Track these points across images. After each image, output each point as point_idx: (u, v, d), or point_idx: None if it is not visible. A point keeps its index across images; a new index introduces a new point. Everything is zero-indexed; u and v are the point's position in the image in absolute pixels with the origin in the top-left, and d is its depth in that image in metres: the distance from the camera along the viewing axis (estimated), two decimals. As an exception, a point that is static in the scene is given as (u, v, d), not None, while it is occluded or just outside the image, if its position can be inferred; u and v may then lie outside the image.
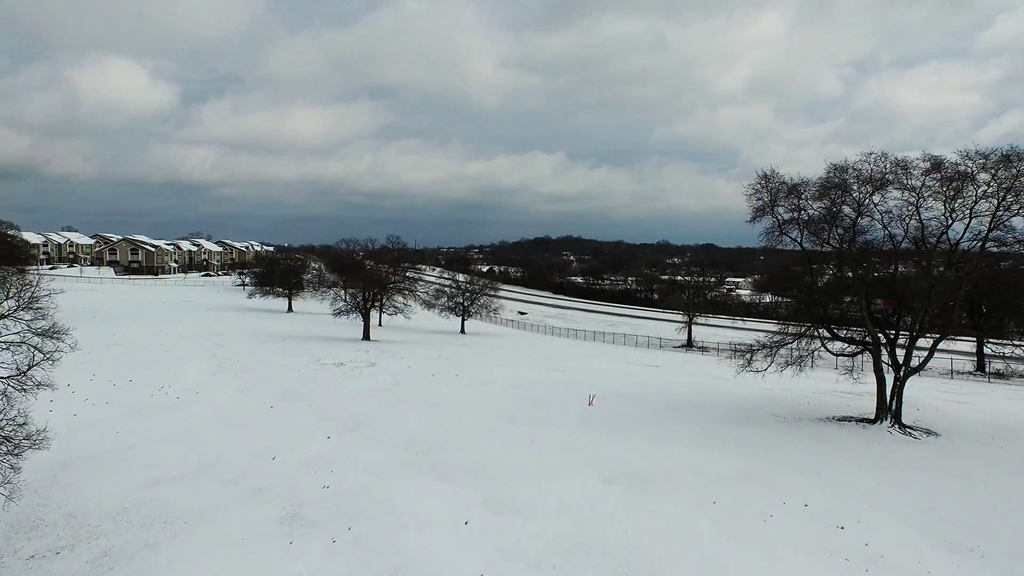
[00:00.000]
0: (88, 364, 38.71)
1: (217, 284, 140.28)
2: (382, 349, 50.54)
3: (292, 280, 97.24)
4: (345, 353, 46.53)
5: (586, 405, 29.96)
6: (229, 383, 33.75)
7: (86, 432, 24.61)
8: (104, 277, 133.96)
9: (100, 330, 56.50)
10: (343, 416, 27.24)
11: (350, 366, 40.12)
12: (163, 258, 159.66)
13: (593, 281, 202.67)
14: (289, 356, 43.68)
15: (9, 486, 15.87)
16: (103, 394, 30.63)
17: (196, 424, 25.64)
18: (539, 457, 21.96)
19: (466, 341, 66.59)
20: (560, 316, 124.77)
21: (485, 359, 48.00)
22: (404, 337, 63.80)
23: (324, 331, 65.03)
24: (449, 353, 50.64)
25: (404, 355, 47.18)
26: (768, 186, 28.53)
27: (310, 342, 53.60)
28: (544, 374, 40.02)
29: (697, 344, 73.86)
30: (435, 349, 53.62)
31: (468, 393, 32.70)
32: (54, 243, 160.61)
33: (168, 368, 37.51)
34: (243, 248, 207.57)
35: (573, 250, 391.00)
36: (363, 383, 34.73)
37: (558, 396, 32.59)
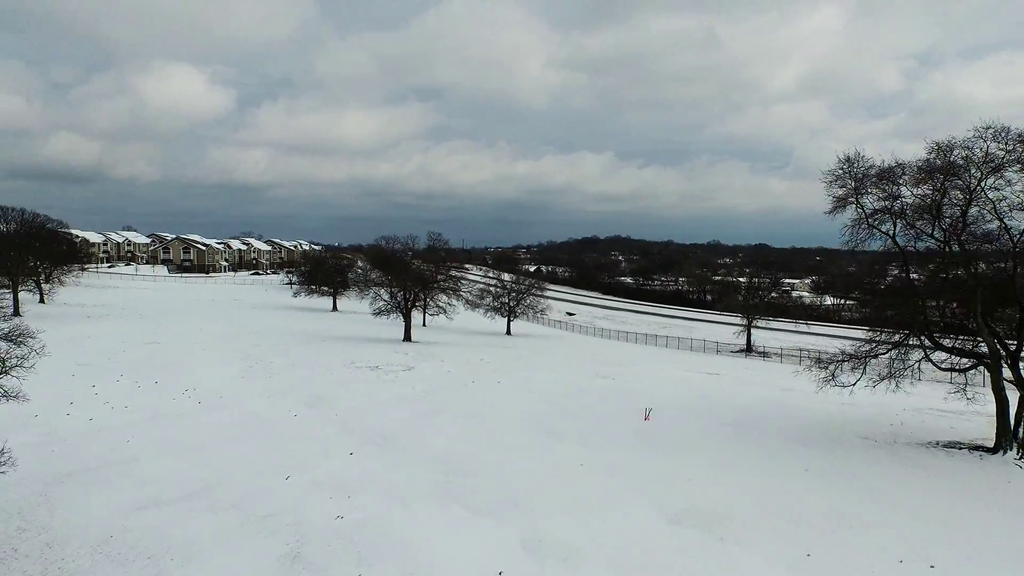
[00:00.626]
0: (120, 363, 37.43)
1: (265, 283, 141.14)
2: (422, 351, 48.04)
3: (337, 279, 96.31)
4: (382, 355, 44.18)
5: (641, 420, 26.59)
6: (256, 387, 31.62)
7: (95, 440, 22.65)
8: (157, 275, 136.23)
9: (142, 328, 55.79)
10: (370, 428, 24.59)
11: (385, 370, 37.65)
12: (214, 257, 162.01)
13: (643, 281, 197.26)
14: (324, 358, 41.54)
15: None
16: (125, 397, 28.85)
17: (210, 434, 23.37)
18: (588, 485, 18.77)
19: (511, 343, 63.70)
20: (609, 317, 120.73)
21: (530, 363, 44.96)
22: (446, 338, 61.33)
23: (365, 331, 63.12)
24: (492, 356, 47.79)
25: (444, 358, 44.55)
26: (852, 171, 24.59)
27: (348, 343, 51.57)
28: (593, 381, 36.70)
29: (757, 349, 69.18)
30: (478, 352, 50.86)
31: (509, 403, 29.70)
32: (113, 242, 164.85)
33: (197, 369, 35.73)
34: (291, 247, 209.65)
35: (621, 250, 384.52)
36: (397, 390, 32.13)
37: (609, 408, 29.28)
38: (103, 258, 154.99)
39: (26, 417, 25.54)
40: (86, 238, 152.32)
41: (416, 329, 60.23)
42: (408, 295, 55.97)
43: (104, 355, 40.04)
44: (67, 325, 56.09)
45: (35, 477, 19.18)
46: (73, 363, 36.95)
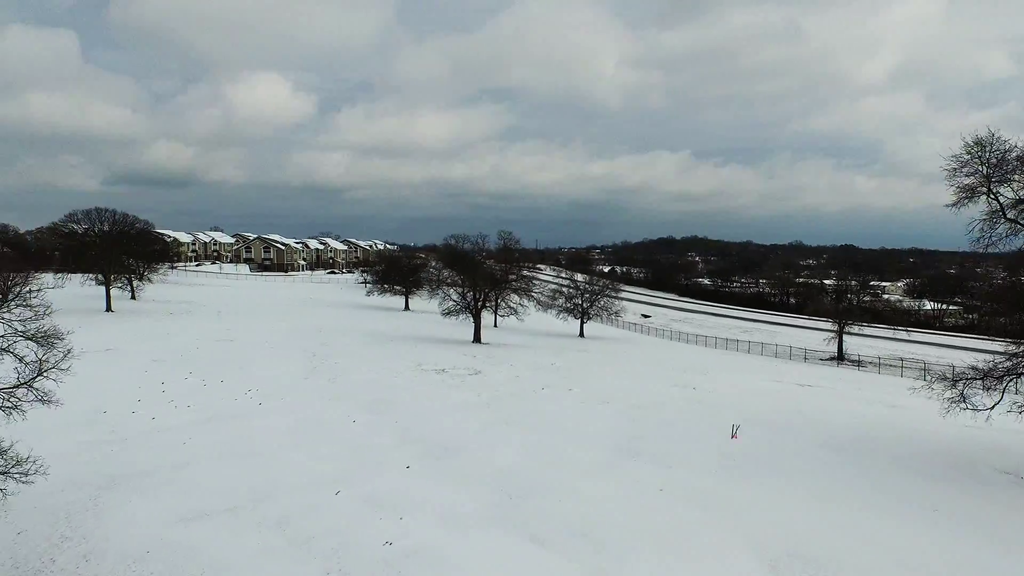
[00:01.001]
0: (191, 360, 37.60)
1: (341, 281, 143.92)
2: (490, 354, 46.45)
3: (409, 278, 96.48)
4: (450, 357, 42.85)
5: (727, 437, 23.88)
6: (318, 389, 30.73)
7: (153, 441, 22.06)
8: (240, 273, 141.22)
9: (218, 325, 56.78)
10: (430, 438, 23.01)
11: (452, 374, 36.20)
12: (292, 256, 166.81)
13: (721, 283, 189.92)
14: (390, 359, 40.55)
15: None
16: (189, 396, 28.50)
17: (265, 439, 22.37)
18: (670, 516, 16.45)
19: (584, 346, 61.35)
20: (687, 320, 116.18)
21: (604, 369, 42.58)
22: (517, 340, 59.65)
23: (435, 332, 62.25)
24: (564, 361, 45.68)
25: (514, 361, 42.78)
26: (984, 156, 21.10)
27: (417, 343, 50.62)
28: (672, 391, 34.00)
29: (850, 357, 64.03)
30: (549, 355, 48.85)
31: (581, 414, 27.53)
32: (201, 242, 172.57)
33: (263, 368, 35.33)
34: (367, 247, 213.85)
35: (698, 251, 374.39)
36: (462, 395, 30.53)
37: (691, 423, 26.64)
38: (191, 257, 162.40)
39: (95, 413, 25.47)
40: (177, 238, 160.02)
41: (487, 330, 58.87)
42: (478, 295, 54.55)
43: (178, 352, 40.42)
44: (150, 321, 57.77)
45: (90, 479, 18.59)
46: (149, 359, 37.38)
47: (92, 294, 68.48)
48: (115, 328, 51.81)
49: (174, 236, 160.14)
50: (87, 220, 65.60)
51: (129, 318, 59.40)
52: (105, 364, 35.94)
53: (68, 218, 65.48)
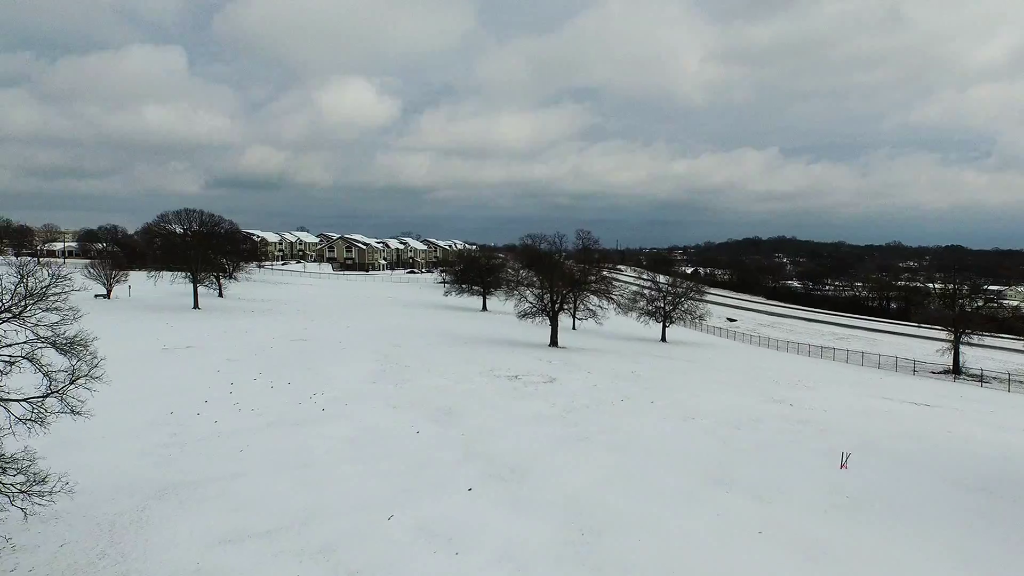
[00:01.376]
0: (263, 360, 37.37)
1: (420, 281, 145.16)
2: (567, 359, 44.20)
3: (487, 278, 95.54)
4: (524, 363, 40.92)
5: (836, 467, 20.69)
6: (384, 394, 29.43)
7: (212, 447, 21.18)
8: (323, 272, 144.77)
9: (295, 324, 57.20)
10: (497, 454, 21.07)
11: (525, 381, 34.22)
12: (373, 255, 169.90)
13: (812, 286, 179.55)
14: (461, 363, 39.02)
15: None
16: (254, 399, 27.81)
17: (323, 450, 21.08)
18: (773, 568, 13.79)
19: (666, 352, 58.08)
20: (776, 325, 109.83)
21: (689, 379, 39.50)
22: (596, 344, 57.10)
23: (511, 334, 60.59)
24: (646, 368, 42.86)
25: (592, 368, 40.38)
26: None
27: (491, 346, 49.02)
28: (767, 408, 30.68)
29: (968, 371, 57.64)
30: (629, 362, 46.11)
31: (665, 432, 24.88)
32: (287, 241, 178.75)
33: (332, 370, 34.51)
34: (447, 247, 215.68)
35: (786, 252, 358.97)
36: (535, 406, 28.47)
37: (791, 446, 23.48)
38: (278, 256, 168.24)
39: (163, 414, 25.07)
40: (264, 238, 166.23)
41: (564, 333, 56.64)
42: (555, 297, 52.37)
43: (252, 351, 40.39)
44: (232, 319, 58.91)
45: (142, 486, 17.76)
46: (223, 358, 37.39)
47: (183, 291, 70.97)
48: (198, 325, 52.93)
49: (262, 236, 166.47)
50: (177, 220, 67.91)
51: (213, 315, 60.86)
52: (183, 362, 36.19)
53: (160, 219, 68.06)
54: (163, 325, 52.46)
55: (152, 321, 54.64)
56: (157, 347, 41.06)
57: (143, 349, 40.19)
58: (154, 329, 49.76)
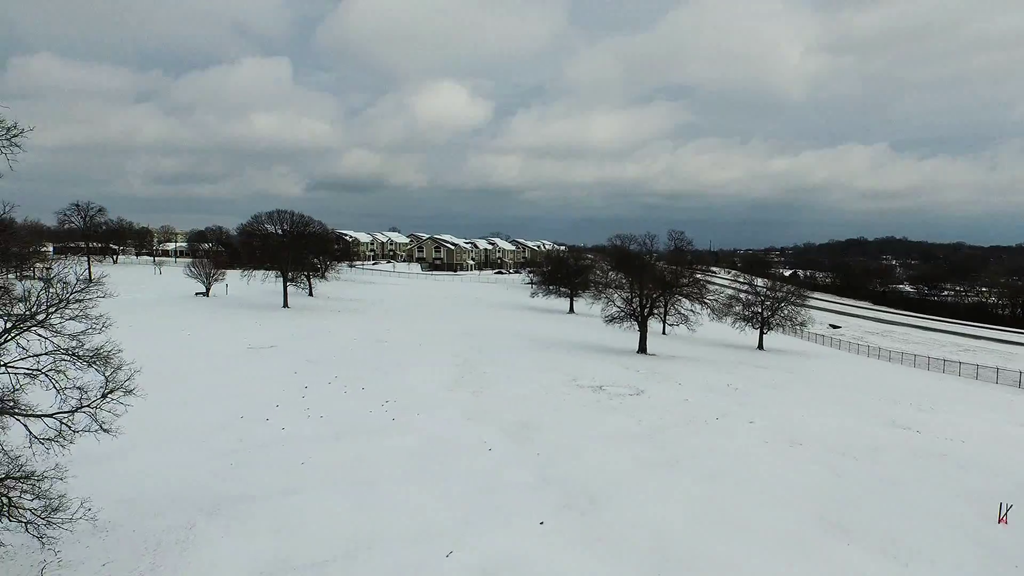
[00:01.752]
0: (342, 362, 36.84)
1: (507, 282, 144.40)
2: (656, 368, 41.29)
3: (575, 279, 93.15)
4: (610, 371, 38.42)
5: (991, 520, 17.10)
6: (458, 403, 27.85)
7: (273, 458, 20.19)
8: (411, 272, 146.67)
9: (379, 324, 57.03)
10: (574, 479, 18.91)
11: (610, 392, 31.79)
12: (462, 256, 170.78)
13: (928, 291, 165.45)
14: (543, 370, 37.01)
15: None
16: (326, 404, 26.91)
17: (387, 465, 19.62)
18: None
19: (764, 361, 53.80)
20: (886, 333, 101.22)
21: (790, 394, 35.78)
22: (687, 351, 53.64)
23: (598, 339, 58.07)
24: (742, 381, 39.34)
25: (682, 379, 37.37)
26: None
27: (576, 352, 46.75)
28: (888, 434, 26.82)
29: (1126, 392, 49.93)
30: (723, 373, 42.62)
31: (765, 460, 21.87)
32: (378, 242, 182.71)
33: (408, 375, 33.37)
34: (535, 247, 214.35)
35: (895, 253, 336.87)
36: (619, 421, 26.04)
37: (925, 487, 19.92)
38: (369, 256, 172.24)
39: (234, 418, 24.55)
40: (357, 238, 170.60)
41: (654, 338, 53.51)
42: (645, 300, 49.43)
43: (332, 352, 40.01)
44: (318, 318, 59.53)
45: (195, 499, 16.85)
46: (303, 359, 37.10)
47: (276, 290, 72.79)
48: (284, 324, 53.63)
49: (354, 236, 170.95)
50: (270, 221, 69.62)
51: (300, 315, 61.81)
52: (264, 361, 36.16)
53: (254, 219, 70.04)
54: (252, 323, 53.48)
55: (243, 319, 55.90)
56: (243, 346, 41.45)
57: (230, 347, 40.66)
58: (243, 327, 50.72)
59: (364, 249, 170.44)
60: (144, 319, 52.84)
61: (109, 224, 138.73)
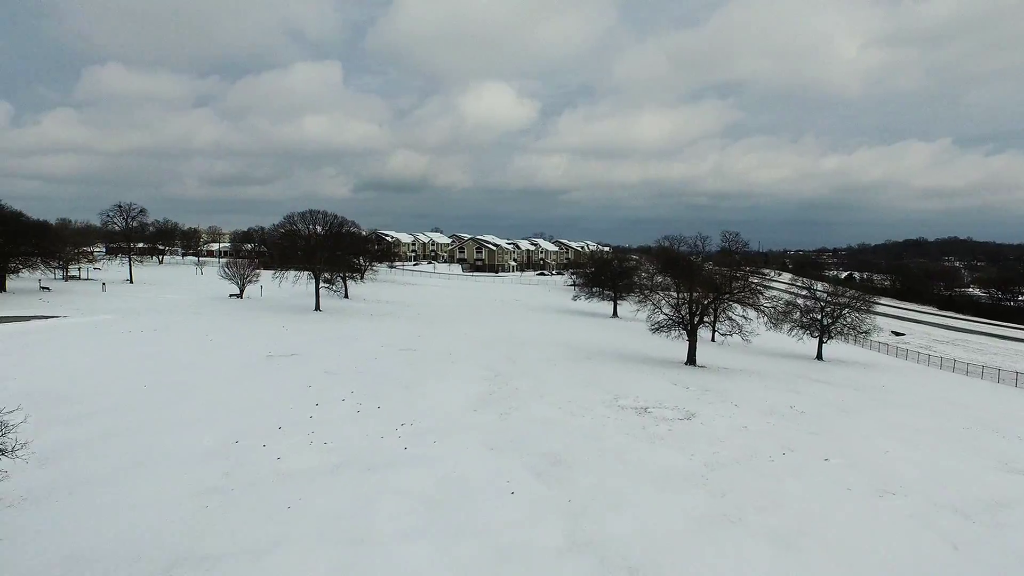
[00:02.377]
0: (361, 375, 33.86)
1: (549, 283, 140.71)
2: (707, 384, 37.16)
3: (620, 282, 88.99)
4: (656, 388, 34.53)
5: None
6: (482, 427, 24.45)
7: (256, 499, 17.11)
8: (452, 273, 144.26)
9: (410, 329, 54.18)
10: (613, 542, 15.24)
11: (656, 415, 27.93)
12: (503, 257, 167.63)
13: (1001, 295, 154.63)
14: (581, 386, 33.38)
15: None
16: (334, 427, 23.85)
17: (387, 515, 16.32)
18: None
19: (826, 374, 48.93)
20: (957, 342, 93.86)
21: (866, 420, 31.29)
22: (740, 362, 49.15)
23: (642, 347, 54.07)
24: (807, 400, 34.95)
25: (738, 399, 33.23)
26: None
27: (618, 364, 42.91)
28: (1003, 480, 22.17)
29: None
30: (784, 389, 38.22)
31: (852, 514, 17.74)
32: (420, 242, 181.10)
33: (430, 392, 30.16)
34: (578, 248, 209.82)
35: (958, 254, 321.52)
36: (667, 456, 22.21)
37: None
38: (411, 256, 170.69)
39: (227, 443, 21.65)
40: (398, 238, 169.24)
41: (703, 346, 49.08)
42: (695, 307, 45.19)
43: (355, 362, 37.18)
44: (347, 323, 57.04)
45: (155, 556, 13.87)
46: (320, 370, 34.36)
47: (309, 292, 70.85)
48: (312, 329, 51.23)
49: (396, 236, 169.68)
50: (303, 221, 67.61)
51: (331, 318, 59.47)
52: (280, 372, 33.52)
53: (287, 219, 68.13)
54: (279, 328, 51.25)
55: (270, 323, 53.78)
56: (262, 354, 39.01)
57: (248, 355, 38.28)
58: (269, 332, 48.49)
59: (405, 250, 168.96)
60: (172, 322, 51.17)
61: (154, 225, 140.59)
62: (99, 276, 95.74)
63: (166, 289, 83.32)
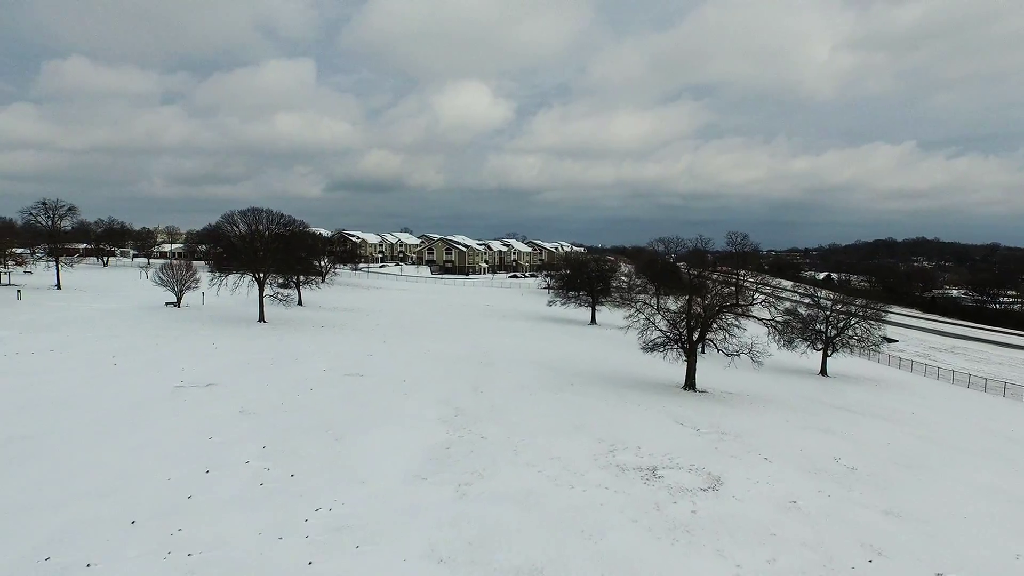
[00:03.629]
0: (287, 415, 26.06)
1: (522, 286, 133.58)
2: (720, 423, 30.31)
3: (598, 286, 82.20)
4: (660, 431, 27.56)
5: None
6: (431, 516, 17.07)
7: None
8: (420, 276, 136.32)
9: (361, 346, 46.55)
10: None
11: (670, 482, 20.83)
12: (474, 258, 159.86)
13: (985, 298, 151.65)
14: (565, 431, 26.23)
15: None
16: (217, 518, 16.27)
17: None
18: None
19: (842, 398, 42.64)
20: (958, 350, 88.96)
21: (945, 480, 24.65)
22: (739, 381, 42.46)
23: (628, 362, 47.26)
24: (852, 449, 28.25)
25: (764, 448, 26.40)
26: None
27: (607, 389, 35.93)
28: None
29: None
30: (813, 429, 31.60)
31: None
32: (387, 243, 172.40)
33: (368, 446, 22.73)
34: (552, 248, 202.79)
35: (927, 255, 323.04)
36: (696, 561, 15.08)
37: None
38: (378, 258, 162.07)
39: (39, 551, 14.11)
40: (364, 239, 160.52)
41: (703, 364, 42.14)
42: (695, 324, 38.28)
43: (282, 396, 29.60)
44: (291, 337, 49.16)
45: None
46: (236, 409, 26.74)
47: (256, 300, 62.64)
48: (246, 347, 43.31)
49: (362, 237, 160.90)
50: (243, 220, 59.40)
51: (273, 332, 51.48)
52: (179, 416, 25.66)
53: (225, 219, 59.75)
54: (208, 345, 43.24)
55: (200, 339, 45.70)
56: (172, 384, 31.15)
57: (153, 386, 30.46)
58: (194, 351, 40.50)
59: (372, 251, 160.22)
60: (77, 339, 42.66)
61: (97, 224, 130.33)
62: (24, 281, 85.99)
63: (98, 296, 74.12)
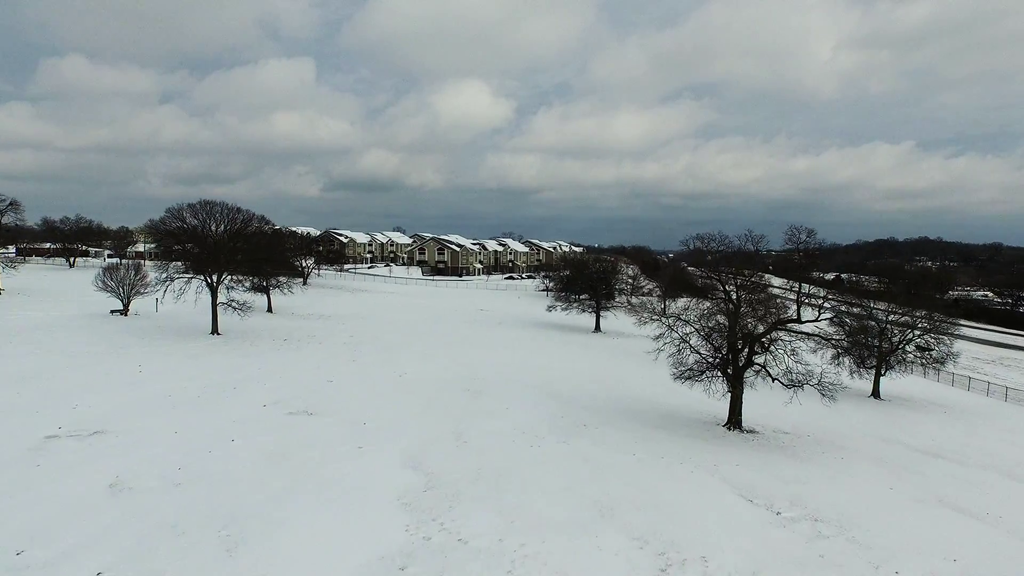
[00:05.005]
0: (168, 496, 17.33)
1: (519, 288, 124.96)
2: (801, 496, 21.86)
3: (602, 289, 73.82)
4: (725, 519, 19.11)
5: None
6: None
7: None
8: (411, 277, 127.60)
9: (327, 368, 37.96)
10: None
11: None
12: (468, 258, 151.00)
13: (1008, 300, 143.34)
14: (585, 525, 17.63)
15: None
16: None
17: None
18: None
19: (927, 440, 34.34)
20: (1008, 362, 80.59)
21: None
22: (792, 414, 34.00)
23: (643, 381, 38.99)
24: (1001, 532, 19.82)
25: (883, 549, 17.98)
26: None
27: (634, 437, 27.48)
28: None
29: None
30: (929, 501, 23.28)
31: None
32: (378, 243, 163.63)
33: (284, 558, 14.08)
34: (550, 248, 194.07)
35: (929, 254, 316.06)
36: None
37: None
38: (367, 258, 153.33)
39: None
40: (353, 239, 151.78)
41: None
42: (742, 348, 29.75)
43: (186, 454, 21.00)
44: (242, 356, 40.51)
45: None
46: (109, 479, 18.29)
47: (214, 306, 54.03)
48: (176, 370, 34.70)
49: (351, 236, 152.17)
50: (193, 215, 50.71)
51: (221, 349, 42.84)
52: (24, 494, 17.12)
53: (170, 213, 50.91)
54: (131, 369, 34.65)
55: (126, 359, 37.10)
56: (41, 433, 22.57)
57: (17, 436, 22.03)
58: (107, 378, 31.99)
59: (361, 251, 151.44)
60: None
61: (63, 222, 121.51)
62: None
63: (42, 302, 65.25)
